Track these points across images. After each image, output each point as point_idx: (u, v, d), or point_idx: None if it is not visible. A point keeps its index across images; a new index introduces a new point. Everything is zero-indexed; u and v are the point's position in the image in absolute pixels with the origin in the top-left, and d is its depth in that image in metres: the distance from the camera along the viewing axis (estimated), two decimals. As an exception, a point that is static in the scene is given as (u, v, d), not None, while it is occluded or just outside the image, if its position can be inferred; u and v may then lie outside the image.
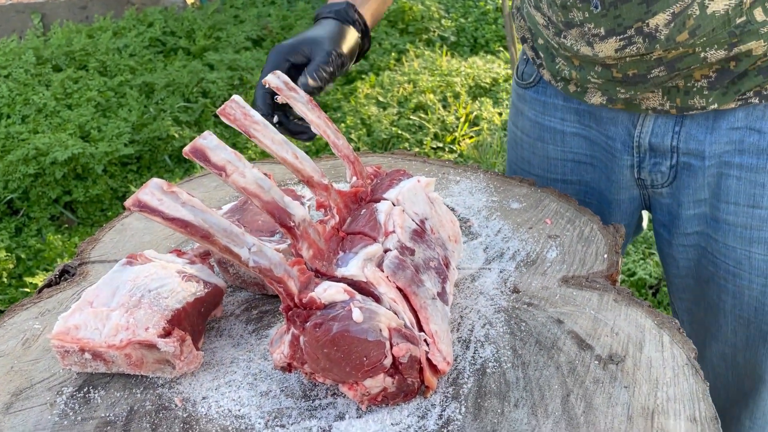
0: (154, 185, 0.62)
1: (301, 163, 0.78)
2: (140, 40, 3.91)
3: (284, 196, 0.71)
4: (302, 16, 4.25)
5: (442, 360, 0.75)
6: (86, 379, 0.81)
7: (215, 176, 1.26)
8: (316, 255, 0.75)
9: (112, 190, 3.00)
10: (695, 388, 0.76)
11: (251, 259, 0.66)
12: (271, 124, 0.77)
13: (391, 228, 0.81)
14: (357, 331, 0.68)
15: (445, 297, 0.81)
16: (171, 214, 0.61)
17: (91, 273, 1.01)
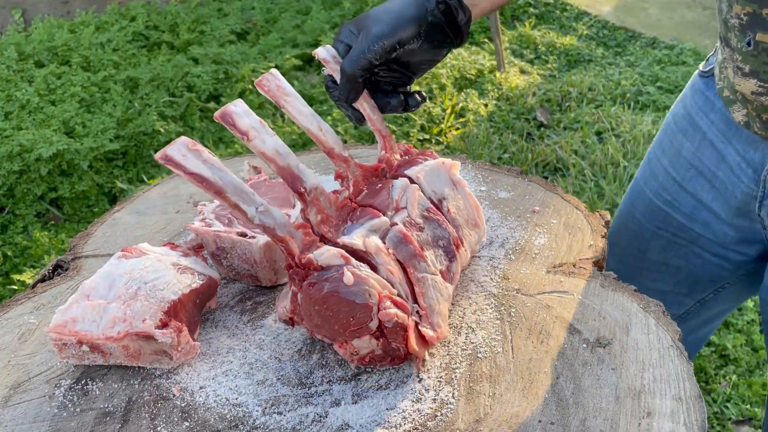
0: (181, 143, 0.71)
1: (324, 135, 0.84)
2: (123, 35, 3.87)
3: (300, 164, 0.79)
4: (286, 8, 4.24)
5: (432, 332, 0.78)
6: (84, 371, 0.82)
7: (206, 170, 1.26)
8: (324, 221, 0.81)
9: (98, 186, 2.98)
10: (680, 368, 0.78)
11: (257, 217, 0.74)
12: (300, 97, 0.84)
13: (404, 204, 0.84)
14: (346, 292, 0.73)
15: (449, 275, 0.84)
16: (191, 169, 0.71)
17: (85, 267, 1.02)
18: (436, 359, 0.81)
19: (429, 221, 0.85)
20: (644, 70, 3.69)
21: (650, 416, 0.72)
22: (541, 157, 2.95)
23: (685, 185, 1.12)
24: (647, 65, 3.75)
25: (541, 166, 2.93)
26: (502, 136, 3.11)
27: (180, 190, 1.21)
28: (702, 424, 0.71)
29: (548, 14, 4.44)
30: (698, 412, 0.73)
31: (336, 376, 0.80)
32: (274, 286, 0.95)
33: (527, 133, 3.17)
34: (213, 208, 0.98)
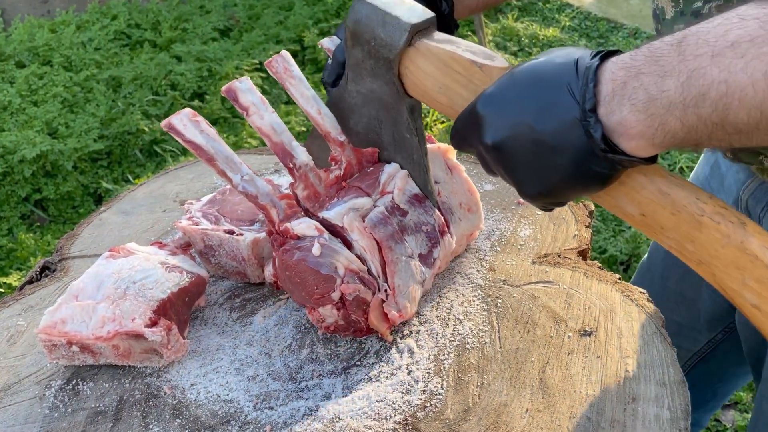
0: (185, 113, 0.80)
1: (322, 118, 0.87)
2: (105, 34, 3.84)
3: (293, 141, 0.83)
4: (269, 4, 4.22)
5: (396, 312, 0.81)
6: (74, 371, 0.82)
7: (191, 168, 1.27)
8: (310, 196, 0.85)
9: (83, 186, 2.96)
10: (663, 354, 0.80)
11: (241, 185, 0.80)
12: (305, 81, 0.86)
13: (390, 189, 0.86)
14: (313, 262, 0.78)
15: (428, 260, 0.85)
16: (189, 137, 0.79)
17: (72, 268, 1.01)
18: (425, 351, 0.82)
19: (415, 207, 0.87)
20: (627, 60, 3.72)
21: (635, 401, 0.74)
22: (526, 149, 2.97)
23: None
24: (629, 56, 3.78)
25: (527, 158, 2.95)
26: (487, 129, 3.13)
27: (166, 189, 1.21)
28: (686, 408, 0.73)
29: (531, 6, 4.46)
30: (682, 396, 0.74)
31: (326, 370, 0.81)
32: (262, 283, 0.96)
33: (512, 126, 3.18)
34: (200, 207, 0.98)
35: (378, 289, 0.81)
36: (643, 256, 2.35)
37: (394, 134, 0.85)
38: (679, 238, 0.59)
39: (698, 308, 1.13)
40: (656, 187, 0.60)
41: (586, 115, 0.57)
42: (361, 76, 0.82)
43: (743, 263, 0.56)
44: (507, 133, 0.61)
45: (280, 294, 0.94)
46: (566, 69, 0.59)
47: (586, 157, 0.58)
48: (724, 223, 0.57)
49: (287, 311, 0.90)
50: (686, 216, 0.58)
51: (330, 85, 0.90)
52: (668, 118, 0.54)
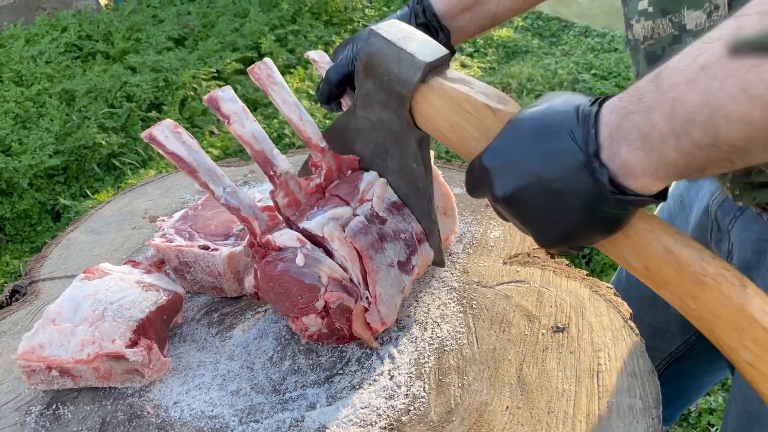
0: (166, 125, 0.79)
1: (303, 125, 0.88)
2: (55, 46, 3.76)
3: (274, 149, 0.84)
4: (223, 12, 4.19)
5: (378, 320, 0.83)
6: (53, 395, 0.81)
7: (159, 184, 1.26)
8: (291, 204, 0.86)
9: (40, 203, 2.90)
10: (633, 346, 0.83)
11: (224, 197, 0.81)
12: (287, 87, 0.88)
13: (369, 196, 0.87)
14: (297, 272, 0.79)
15: (407, 267, 0.87)
16: (170, 149, 0.78)
17: (43, 291, 1.00)
18: (405, 356, 0.84)
19: (393, 214, 0.89)
20: (579, 58, 3.81)
21: (609, 393, 0.77)
22: (486, 148, 3.02)
23: (674, 218, 1.11)
24: (581, 53, 3.87)
25: (487, 158, 3.00)
26: (448, 130, 3.17)
27: (134, 205, 1.20)
28: (656, 397, 0.76)
29: (484, 7, 4.52)
30: (652, 386, 0.78)
31: (309, 381, 0.82)
32: (239, 297, 0.96)
33: (472, 126, 3.23)
34: (172, 223, 0.98)
35: (359, 297, 0.82)
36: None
37: (400, 162, 0.85)
38: (681, 294, 0.61)
39: (669, 312, 1.17)
40: (662, 244, 0.61)
41: (590, 160, 0.58)
42: (370, 105, 0.82)
43: (742, 324, 0.57)
44: (516, 185, 0.62)
45: (257, 307, 0.94)
46: (568, 116, 0.60)
47: (597, 200, 0.59)
48: (726, 285, 0.58)
49: (266, 324, 0.91)
50: (689, 275, 0.59)
51: (324, 104, 0.93)
52: (665, 150, 0.55)
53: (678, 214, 1.09)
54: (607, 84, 3.51)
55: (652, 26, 0.81)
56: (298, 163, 1.28)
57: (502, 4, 0.97)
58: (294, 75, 3.63)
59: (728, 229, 0.95)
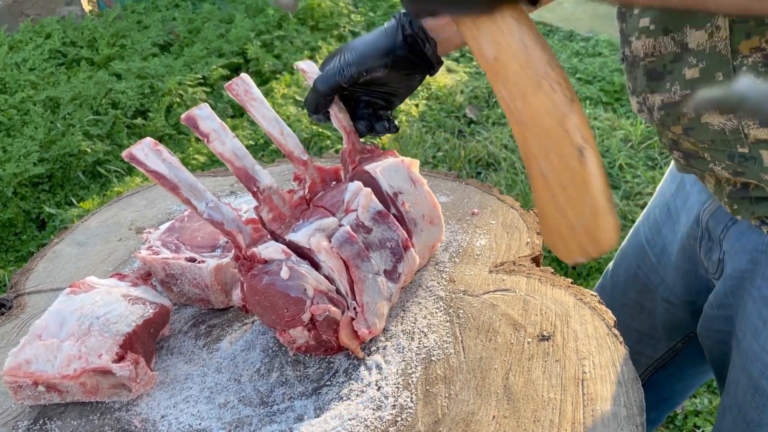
0: (146, 143, 0.79)
1: (284, 139, 0.89)
2: (39, 53, 3.73)
3: (255, 165, 0.85)
4: (209, 17, 4.18)
5: (365, 329, 0.83)
6: (40, 411, 0.81)
7: (145, 195, 1.26)
8: (276, 218, 0.86)
9: (25, 212, 2.87)
10: (617, 354, 0.84)
11: (207, 212, 0.81)
12: (266, 102, 0.88)
13: (354, 206, 0.88)
14: (282, 285, 0.79)
15: (394, 275, 0.88)
16: (151, 167, 0.78)
17: (29, 304, 1.00)
18: (393, 366, 0.84)
19: (378, 223, 0.89)
20: (564, 62, 3.84)
21: (594, 401, 0.78)
22: (473, 153, 3.03)
23: (660, 226, 1.11)
24: (566, 58, 3.90)
25: (474, 162, 3.02)
26: (435, 135, 3.18)
27: (120, 217, 1.20)
28: (640, 404, 0.77)
29: (469, 12, 4.54)
30: (636, 393, 0.79)
31: (297, 392, 0.82)
32: (226, 309, 0.96)
33: (458, 131, 3.25)
34: (159, 235, 0.98)
35: (347, 307, 0.83)
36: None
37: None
38: (514, 92, 0.62)
39: (655, 319, 1.18)
40: (521, 37, 0.62)
41: None
42: None
43: (556, 135, 0.60)
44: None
45: (245, 318, 0.94)
46: None
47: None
48: (558, 95, 0.60)
49: (254, 335, 0.91)
50: (532, 73, 0.61)
51: (312, 113, 0.94)
52: None
53: (665, 222, 1.10)
54: (592, 88, 3.54)
55: (653, 44, 0.82)
56: (284, 172, 1.29)
57: None
58: (280, 81, 3.63)
59: (720, 239, 0.95)
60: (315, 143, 3.15)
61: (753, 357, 0.91)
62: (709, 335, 1.04)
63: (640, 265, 1.17)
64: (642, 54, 0.84)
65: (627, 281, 1.20)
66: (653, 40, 0.82)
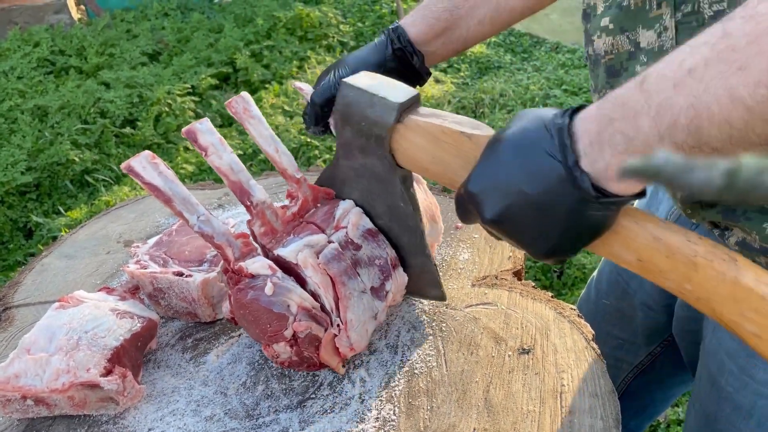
0: (144, 156, 0.81)
1: (279, 156, 0.91)
2: (27, 61, 3.73)
3: (250, 180, 0.87)
4: (198, 27, 4.20)
5: (347, 346, 0.85)
6: (28, 424, 0.82)
7: (134, 207, 1.27)
8: (267, 233, 0.88)
9: (12, 221, 2.87)
10: (595, 367, 0.86)
11: (197, 225, 0.83)
12: (264, 121, 0.91)
13: (345, 224, 0.89)
14: (265, 301, 0.81)
15: (380, 293, 0.89)
16: (147, 179, 0.80)
17: (17, 318, 1.01)
18: (376, 379, 0.86)
19: (368, 241, 0.91)
20: (550, 74, 3.89)
21: (571, 414, 0.80)
22: (460, 163, 3.06)
23: None
24: (552, 69, 3.95)
25: (461, 173, 3.05)
26: (422, 146, 3.21)
27: (108, 230, 1.21)
28: (616, 416, 0.80)
29: (457, 23, 4.59)
30: (613, 405, 0.81)
31: (282, 405, 0.84)
32: (213, 322, 0.98)
33: (445, 141, 3.28)
34: (147, 249, 1.00)
35: (331, 323, 0.84)
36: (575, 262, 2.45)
37: (387, 203, 0.87)
38: (677, 278, 0.62)
39: (636, 324, 1.21)
40: (649, 233, 0.63)
41: (571, 170, 0.61)
42: (352, 153, 0.85)
43: (739, 296, 0.60)
44: (503, 205, 0.65)
45: (231, 332, 0.96)
46: (540, 133, 0.63)
47: (582, 206, 0.62)
48: (717, 261, 0.60)
49: (240, 349, 0.93)
50: (681, 258, 0.62)
51: (311, 126, 0.96)
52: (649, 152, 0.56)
53: None
54: (578, 99, 3.59)
55: (612, 42, 0.86)
56: (271, 186, 1.31)
57: (472, 30, 1.02)
58: (269, 90, 3.65)
59: None
60: (303, 152, 3.17)
61: (712, 352, 0.94)
62: (684, 336, 1.08)
63: (620, 272, 1.20)
64: (602, 52, 0.88)
65: (609, 288, 1.24)
66: (612, 38, 0.85)
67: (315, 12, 4.26)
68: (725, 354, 0.92)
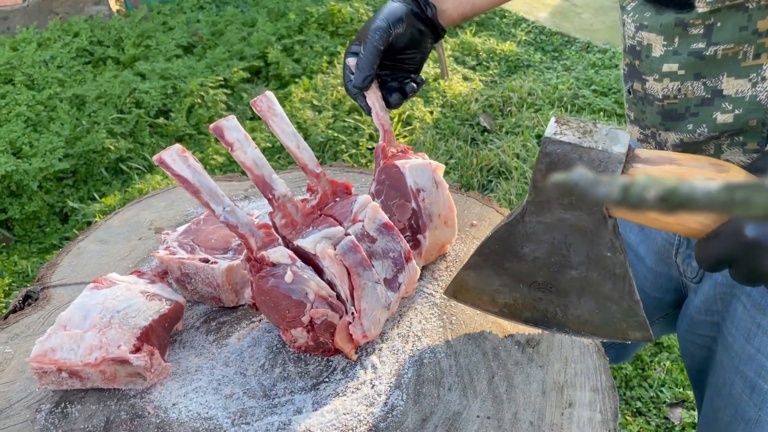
0: (174, 149, 0.85)
1: (300, 152, 0.96)
2: (67, 51, 3.85)
3: (273, 174, 0.91)
4: (232, 21, 4.28)
5: (360, 333, 0.90)
6: (62, 395, 0.89)
7: (165, 196, 1.33)
8: (288, 224, 0.93)
9: (49, 206, 2.98)
10: (597, 363, 0.90)
11: (223, 215, 0.87)
12: (286, 118, 0.95)
13: (361, 217, 0.94)
14: (285, 288, 0.86)
15: (393, 284, 0.94)
16: (177, 171, 0.85)
17: (54, 296, 1.07)
18: (387, 366, 0.91)
19: (383, 234, 0.96)
20: (580, 74, 3.88)
21: (571, 406, 0.83)
22: (485, 161, 3.09)
23: (624, 224, 1.18)
24: (582, 69, 3.94)
25: (486, 170, 3.07)
26: (448, 143, 3.24)
27: (140, 217, 1.28)
28: (615, 411, 0.83)
29: (488, 21, 4.60)
30: (612, 400, 0.84)
31: (297, 387, 0.89)
32: (236, 307, 1.03)
33: (471, 139, 3.30)
34: (176, 237, 1.05)
35: (346, 311, 0.89)
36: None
37: (589, 254, 0.81)
38: None
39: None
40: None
41: None
42: (550, 209, 0.80)
43: None
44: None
45: (252, 317, 1.01)
46: None
47: None
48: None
49: (260, 333, 0.98)
50: None
51: (358, 88, 1.01)
52: None
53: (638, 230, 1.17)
54: (607, 100, 3.58)
55: (678, 87, 0.85)
56: (296, 180, 1.36)
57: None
58: (299, 85, 3.71)
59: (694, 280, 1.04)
60: (330, 147, 3.23)
61: (747, 359, 0.96)
62: (694, 339, 1.10)
63: None
64: (661, 95, 0.87)
65: None
66: (679, 83, 0.84)
67: (346, 8, 4.31)
68: (765, 357, 0.93)
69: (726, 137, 0.85)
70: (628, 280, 0.82)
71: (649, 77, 0.87)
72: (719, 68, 0.81)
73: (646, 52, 0.86)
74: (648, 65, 0.86)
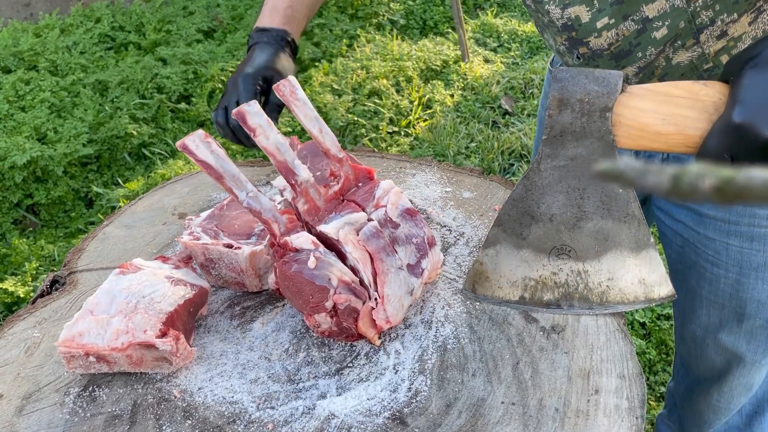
0: (197, 135, 0.86)
1: (323, 137, 0.96)
2: (89, 37, 3.87)
3: (295, 160, 0.92)
4: (251, 5, 4.27)
5: (384, 319, 0.90)
6: (90, 379, 0.90)
7: (188, 182, 1.34)
8: (311, 210, 0.93)
9: (74, 190, 3.02)
10: (624, 349, 0.89)
11: (246, 201, 0.88)
12: (309, 103, 0.96)
13: (384, 203, 0.94)
14: (308, 274, 0.86)
15: (416, 270, 0.93)
16: (200, 157, 0.85)
17: (81, 281, 1.09)
18: (410, 352, 0.90)
19: (406, 220, 0.95)
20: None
21: (598, 393, 0.83)
22: (506, 144, 3.06)
23: None
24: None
25: (507, 154, 3.04)
26: (469, 126, 3.21)
27: (164, 202, 1.28)
28: (642, 398, 0.82)
29: (509, 2, 4.53)
30: (639, 387, 0.83)
31: (321, 372, 0.89)
32: (259, 292, 1.04)
33: (492, 122, 3.27)
34: (199, 222, 1.06)
35: (369, 297, 0.89)
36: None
37: (602, 198, 0.81)
38: None
39: None
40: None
41: None
42: (563, 144, 0.81)
43: None
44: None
45: (276, 302, 1.02)
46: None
47: None
48: None
49: (284, 318, 0.98)
50: None
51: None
52: None
53: None
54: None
55: (616, 32, 0.95)
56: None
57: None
58: (319, 69, 3.69)
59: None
60: (350, 131, 3.22)
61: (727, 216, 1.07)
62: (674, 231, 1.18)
63: None
64: (606, 45, 0.97)
65: None
66: (615, 30, 0.95)
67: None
68: None
69: (669, 46, 0.96)
70: (640, 219, 0.83)
71: (590, 38, 0.98)
72: (637, 2, 0.91)
73: (577, 22, 0.97)
74: (584, 30, 0.97)
